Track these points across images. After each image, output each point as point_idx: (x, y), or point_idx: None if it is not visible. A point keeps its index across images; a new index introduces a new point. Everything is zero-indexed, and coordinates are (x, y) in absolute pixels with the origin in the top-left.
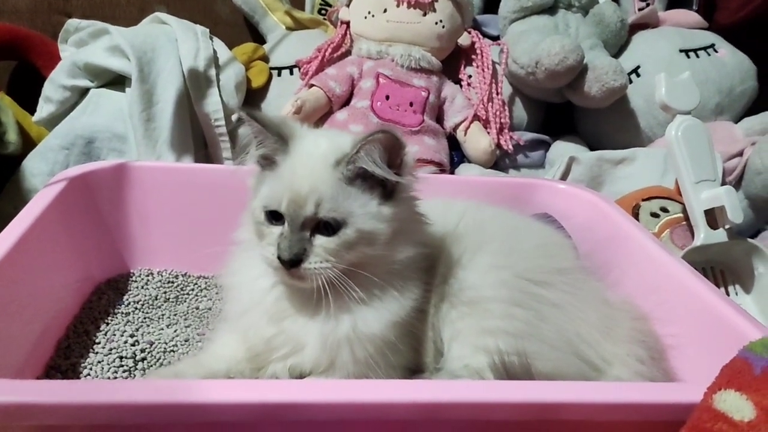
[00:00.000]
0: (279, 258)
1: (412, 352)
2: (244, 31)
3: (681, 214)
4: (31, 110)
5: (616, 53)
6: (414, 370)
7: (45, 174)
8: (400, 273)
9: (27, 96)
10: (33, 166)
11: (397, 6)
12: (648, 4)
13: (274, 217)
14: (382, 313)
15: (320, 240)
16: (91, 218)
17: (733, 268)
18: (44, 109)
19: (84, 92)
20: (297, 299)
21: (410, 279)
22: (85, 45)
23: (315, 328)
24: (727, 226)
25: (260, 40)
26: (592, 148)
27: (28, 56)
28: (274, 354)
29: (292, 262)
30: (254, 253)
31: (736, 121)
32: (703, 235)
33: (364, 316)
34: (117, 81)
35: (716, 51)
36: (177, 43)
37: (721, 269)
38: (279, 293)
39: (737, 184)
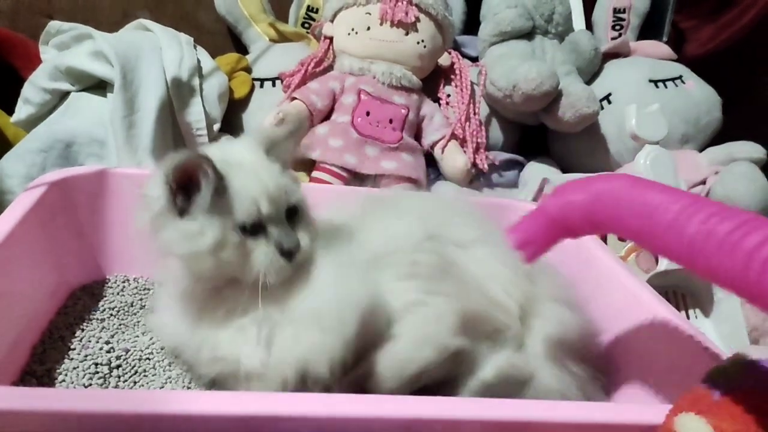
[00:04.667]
0: (285, 252)
1: None
2: (227, 40)
3: None
4: (8, 111)
5: (589, 80)
6: None
7: (21, 176)
8: None
9: (5, 97)
10: (9, 167)
11: (381, 24)
12: (620, 35)
13: (252, 232)
14: None
15: (297, 225)
16: (69, 223)
17: (694, 293)
18: (23, 110)
19: (64, 95)
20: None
21: None
22: (67, 48)
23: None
24: None
25: (242, 50)
26: (563, 170)
27: (8, 57)
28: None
29: (294, 251)
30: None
31: (701, 151)
32: (667, 261)
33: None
34: (98, 85)
35: (684, 82)
36: (161, 51)
37: (682, 293)
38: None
39: None
